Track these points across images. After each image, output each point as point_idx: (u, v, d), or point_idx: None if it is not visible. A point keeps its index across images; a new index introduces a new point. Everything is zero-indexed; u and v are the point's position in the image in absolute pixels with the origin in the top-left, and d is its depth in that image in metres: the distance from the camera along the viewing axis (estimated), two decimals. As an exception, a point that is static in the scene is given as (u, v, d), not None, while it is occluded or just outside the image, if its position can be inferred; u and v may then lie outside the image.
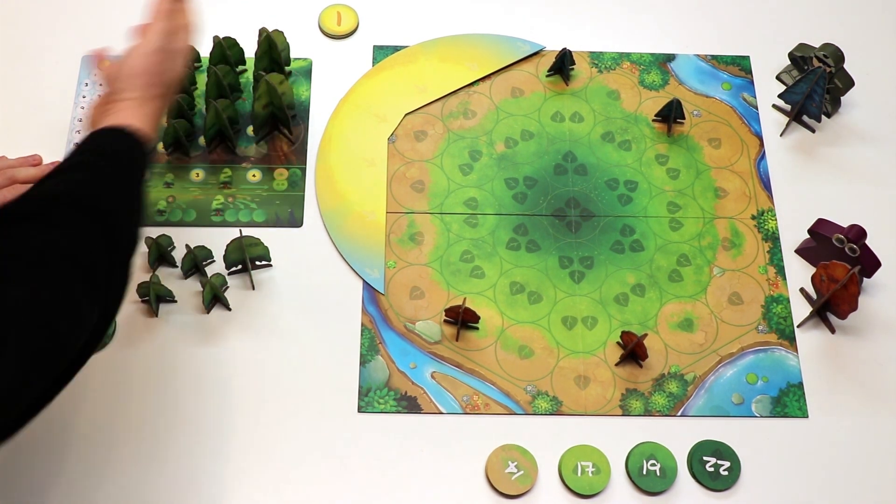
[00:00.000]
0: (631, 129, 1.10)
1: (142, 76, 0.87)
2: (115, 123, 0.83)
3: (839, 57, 1.07)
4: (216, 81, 1.04)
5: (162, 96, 0.88)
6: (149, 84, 0.87)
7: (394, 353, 0.96)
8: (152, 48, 0.88)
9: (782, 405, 0.95)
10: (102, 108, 0.87)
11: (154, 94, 0.87)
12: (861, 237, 0.97)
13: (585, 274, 1.01)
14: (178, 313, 0.97)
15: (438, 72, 1.12)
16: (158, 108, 0.88)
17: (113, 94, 0.86)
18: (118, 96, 0.86)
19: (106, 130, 0.83)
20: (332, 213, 1.03)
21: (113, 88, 0.87)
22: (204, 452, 0.91)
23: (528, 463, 0.91)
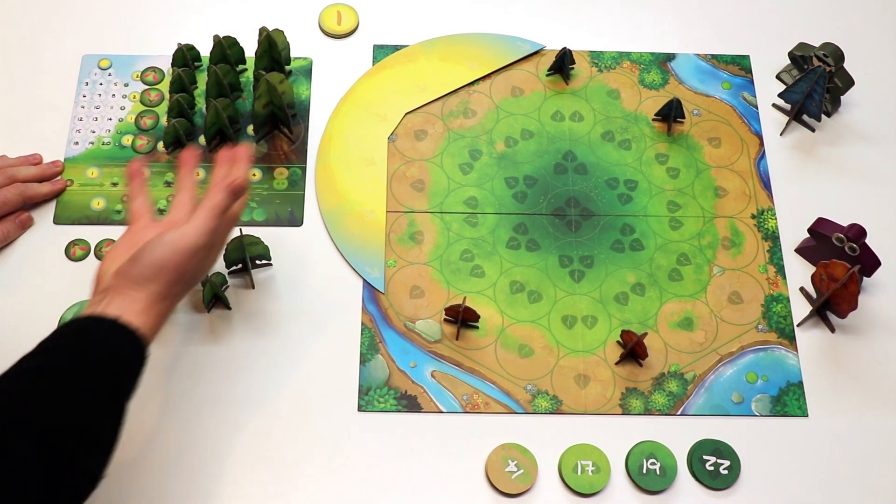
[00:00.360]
0: (631, 128, 1.10)
1: (171, 273, 0.77)
2: (121, 317, 0.74)
3: (839, 56, 1.07)
4: (216, 80, 1.04)
5: (180, 295, 0.79)
6: (175, 282, 0.77)
7: (394, 352, 0.96)
8: (197, 242, 0.78)
9: (782, 404, 0.95)
10: (112, 281, 0.77)
11: (175, 292, 0.78)
12: (861, 236, 0.97)
13: (585, 273, 1.01)
14: (178, 312, 0.97)
15: (438, 71, 1.12)
16: (170, 308, 0.79)
17: (131, 275, 0.77)
18: (137, 283, 0.76)
19: (107, 323, 0.74)
20: (333, 213, 1.03)
21: (134, 270, 0.77)
22: (204, 452, 0.91)
23: (528, 462, 0.91)
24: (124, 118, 1.08)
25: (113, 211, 1.02)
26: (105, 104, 1.08)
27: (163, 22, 1.14)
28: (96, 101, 1.08)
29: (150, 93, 1.09)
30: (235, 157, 0.86)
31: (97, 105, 1.08)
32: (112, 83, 1.10)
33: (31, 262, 0.99)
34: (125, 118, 1.08)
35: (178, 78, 1.05)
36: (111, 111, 1.08)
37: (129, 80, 1.10)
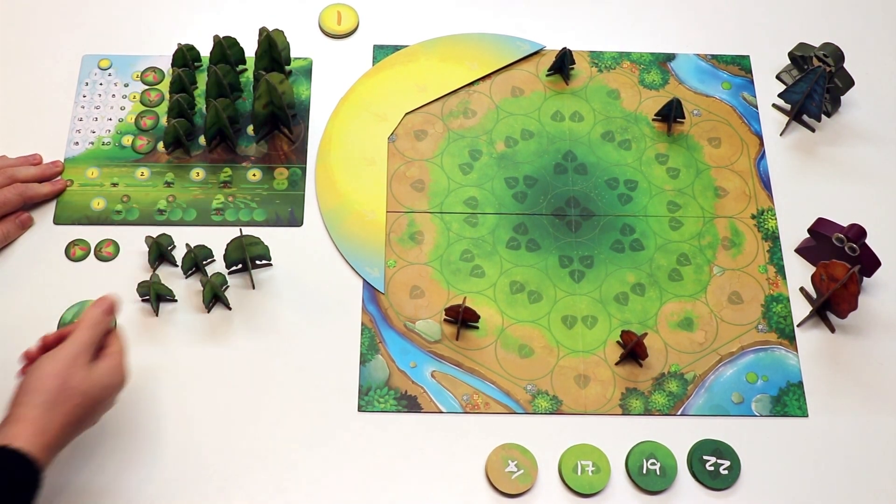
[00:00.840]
0: (631, 128, 1.10)
1: (44, 393, 0.79)
2: (11, 444, 0.76)
3: (839, 56, 1.07)
4: (216, 81, 1.04)
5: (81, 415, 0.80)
6: (52, 402, 0.79)
7: (394, 353, 0.96)
8: (65, 359, 0.81)
9: (782, 404, 0.95)
10: (8, 411, 0.79)
11: (59, 413, 0.79)
12: (861, 236, 0.97)
13: (585, 273, 1.01)
14: (179, 312, 0.97)
15: (438, 71, 1.12)
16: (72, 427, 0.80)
17: (18, 401, 0.79)
18: (25, 406, 0.78)
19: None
20: (333, 213, 1.03)
21: (19, 396, 0.79)
22: (204, 451, 0.91)
23: (528, 462, 0.91)
24: (124, 118, 1.08)
25: (113, 211, 1.02)
26: (105, 104, 1.08)
27: (163, 22, 1.14)
28: (96, 101, 1.08)
29: (150, 93, 1.09)
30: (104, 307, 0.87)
31: (97, 105, 1.08)
32: (112, 83, 1.10)
33: (31, 262, 0.99)
34: (125, 118, 1.08)
35: (178, 78, 1.05)
36: (111, 111, 1.08)
37: (129, 80, 1.10)
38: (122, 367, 0.84)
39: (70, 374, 0.80)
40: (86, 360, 0.82)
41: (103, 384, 0.83)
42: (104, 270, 0.99)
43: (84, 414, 0.81)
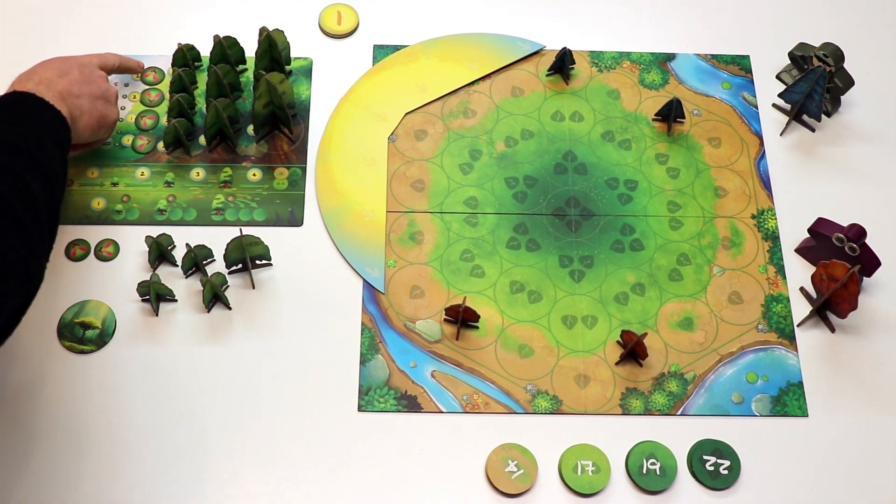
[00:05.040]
0: (631, 128, 1.10)
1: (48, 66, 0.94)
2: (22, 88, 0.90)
3: (839, 56, 1.07)
4: (216, 80, 1.04)
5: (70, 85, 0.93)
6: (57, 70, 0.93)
7: (394, 352, 0.96)
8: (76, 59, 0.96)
9: (782, 404, 0.95)
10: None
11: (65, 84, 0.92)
12: (861, 236, 0.97)
13: (585, 273, 1.01)
14: (179, 312, 0.97)
15: (438, 71, 1.12)
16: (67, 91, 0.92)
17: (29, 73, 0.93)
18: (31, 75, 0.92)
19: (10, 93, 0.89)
20: (333, 213, 1.03)
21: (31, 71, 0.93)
22: (204, 452, 0.91)
23: (528, 462, 0.91)
24: (124, 118, 1.08)
25: (113, 211, 1.02)
26: (106, 102, 1.08)
27: (163, 22, 1.14)
28: (96, 101, 1.08)
29: (150, 93, 1.09)
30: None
31: (97, 105, 1.08)
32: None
33: (31, 262, 0.99)
34: (125, 118, 1.08)
35: (178, 78, 1.05)
36: (111, 111, 1.08)
37: (129, 80, 1.10)
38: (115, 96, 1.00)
39: (73, 59, 0.96)
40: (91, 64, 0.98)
41: (102, 88, 0.97)
42: (104, 270, 0.99)
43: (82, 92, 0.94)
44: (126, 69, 1.06)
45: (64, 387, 0.93)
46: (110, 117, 0.99)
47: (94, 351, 0.95)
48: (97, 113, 0.96)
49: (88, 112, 0.95)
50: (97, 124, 0.96)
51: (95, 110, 0.96)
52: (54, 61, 0.96)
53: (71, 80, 0.94)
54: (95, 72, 0.98)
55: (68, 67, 0.95)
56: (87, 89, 0.95)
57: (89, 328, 0.96)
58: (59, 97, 0.91)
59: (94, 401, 0.92)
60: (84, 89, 0.95)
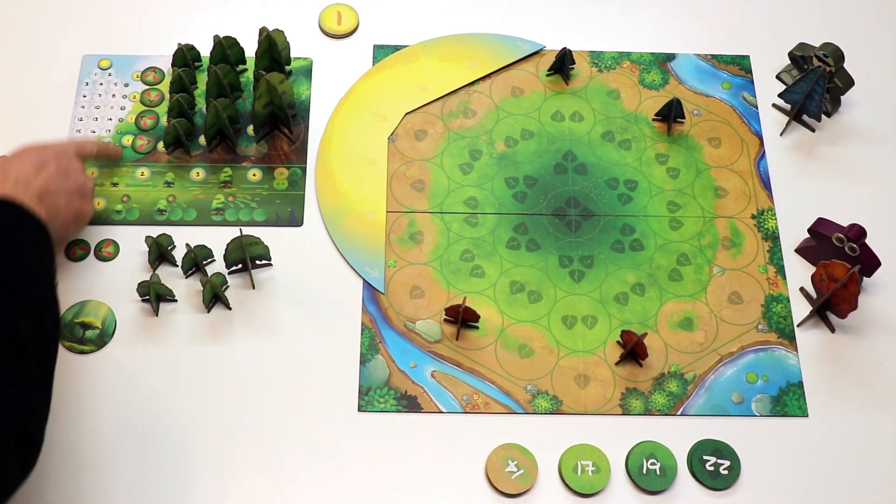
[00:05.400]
0: (631, 128, 1.10)
1: (31, 162, 0.89)
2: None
3: (839, 56, 1.07)
4: (216, 80, 1.04)
5: (48, 181, 0.89)
6: (34, 165, 0.89)
7: (394, 353, 0.96)
8: (46, 144, 0.92)
9: (782, 404, 0.95)
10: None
11: (42, 181, 0.88)
12: (861, 236, 0.97)
13: (585, 273, 1.01)
14: (179, 312, 0.97)
15: (438, 71, 1.12)
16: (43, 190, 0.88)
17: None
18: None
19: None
20: (333, 213, 1.03)
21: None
22: (204, 452, 0.91)
23: (528, 462, 0.91)
24: (124, 118, 1.08)
25: (113, 211, 1.02)
26: (105, 104, 1.08)
27: (163, 22, 1.14)
28: (96, 101, 1.08)
29: (150, 93, 1.09)
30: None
31: (97, 105, 1.08)
32: (112, 83, 1.10)
33: (31, 262, 0.99)
34: (125, 118, 1.08)
35: (178, 78, 1.05)
36: (111, 111, 1.08)
37: (129, 80, 1.10)
38: (92, 190, 0.97)
39: (49, 149, 0.93)
40: (68, 154, 0.94)
41: (79, 183, 0.94)
42: (104, 270, 0.99)
43: (59, 189, 0.90)
44: (104, 155, 1.02)
45: (64, 387, 0.93)
46: (86, 213, 0.96)
47: (94, 351, 0.95)
48: (73, 210, 0.93)
49: (65, 210, 0.91)
50: (72, 221, 0.94)
51: (72, 207, 0.92)
52: (30, 151, 0.91)
53: (48, 176, 0.89)
54: (73, 163, 0.94)
55: (45, 159, 0.91)
56: (63, 185, 0.91)
57: (89, 328, 0.96)
58: (37, 198, 0.87)
59: (94, 401, 0.92)
60: (61, 185, 0.91)
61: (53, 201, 0.89)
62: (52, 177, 0.90)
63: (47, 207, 0.88)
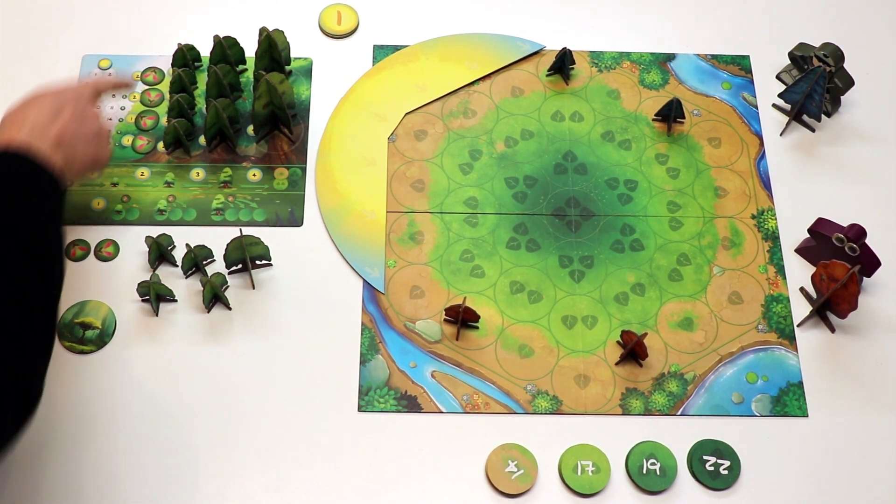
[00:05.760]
0: (631, 128, 1.10)
1: (48, 108, 0.88)
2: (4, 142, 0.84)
3: (839, 56, 1.07)
4: (216, 81, 1.04)
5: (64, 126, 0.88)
6: (51, 119, 0.88)
7: (394, 353, 0.96)
8: (63, 84, 0.92)
9: (782, 404, 0.95)
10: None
11: (58, 128, 0.88)
12: (861, 236, 0.97)
13: (585, 273, 1.01)
14: (179, 313, 0.97)
15: (438, 71, 1.12)
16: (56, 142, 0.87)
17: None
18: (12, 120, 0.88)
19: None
20: (333, 213, 1.03)
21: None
22: (204, 452, 0.91)
23: (529, 462, 0.91)
24: (124, 118, 1.08)
25: (113, 211, 1.02)
26: (105, 104, 1.08)
27: (163, 22, 1.14)
28: (96, 101, 1.08)
29: (150, 93, 1.09)
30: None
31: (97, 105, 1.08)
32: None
33: (31, 263, 0.99)
34: (125, 118, 1.08)
35: (178, 78, 1.05)
36: (111, 111, 1.08)
37: (129, 80, 1.10)
38: (108, 134, 0.96)
39: (66, 93, 0.91)
40: (84, 98, 0.93)
41: (96, 128, 0.93)
42: (104, 270, 0.99)
43: (76, 135, 0.89)
44: (118, 89, 1.03)
45: (64, 387, 0.93)
46: (103, 158, 0.96)
47: (94, 351, 0.95)
48: (90, 155, 0.93)
49: (81, 157, 0.91)
50: (89, 167, 0.94)
51: (89, 153, 0.92)
52: (47, 97, 0.90)
53: (65, 123, 0.89)
54: (89, 107, 0.94)
55: (61, 104, 0.90)
56: (80, 130, 0.91)
57: (89, 328, 0.96)
58: (53, 145, 0.87)
59: (94, 401, 0.92)
60: (78, 131, 0.90)
61: (70, 148, 0.89)
62: (69, 123, 0.89)
63: (64, 154, 0.88)
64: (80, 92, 0.94)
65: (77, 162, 0.90)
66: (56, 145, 0.87)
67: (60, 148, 0.87)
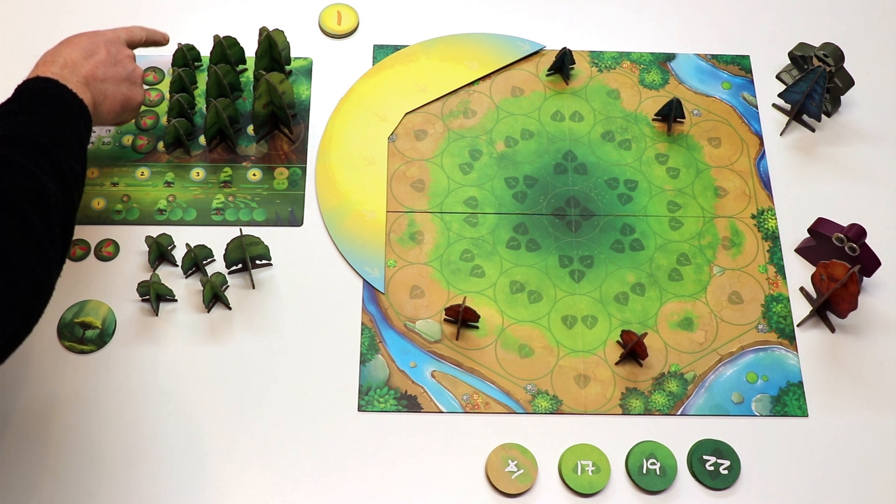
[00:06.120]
0: (631, 128, 1.10)
1: (81, 48, 0.91)
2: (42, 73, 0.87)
3: (839, 56, 1.07)
4: (216, 80, 1.04)
5: (93, 80, 0.90)
6: (84, 58, 0.90)
7: (394, 352, 0.96)
8: (104, 37, 0.94)
9: (782, 404, 0.95)
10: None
11: (90, 67, 0.90)
12: (861, 236, 0.97)
13: (585, 273, 1.01)
14: (179, 312, 0.97)
15: (438, 71, 1.12)
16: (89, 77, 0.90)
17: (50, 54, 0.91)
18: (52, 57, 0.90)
19: (33, 79, 0.87)
20: (333, 213, 1.03)
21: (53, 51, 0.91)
22: (204, 452, 0.91)
23: (528, 462, 0.91)
24: (124, 118, 1.08)
25: (113, 211, 1.02)
26: (105, 104, 1.08)
27: (163, 22, 1.13)
28: (96, 100, 1.08)
29: (150, 93, 1.09)
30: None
31: (97, 105, 1.08)
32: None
33: (31, 262, 0.99)
34: (125, 118, 1.08)
35: (178, 78, 1.05)
36: (111, 111, 1.08)
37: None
38: (141, 76, 0.98)
39: (99, 35, 0.94)
40: (118, 41, 0.96)
41: (128, 70, 0.96)
42: (104, 270, 0.99)
43: (107, 75, 0.92)
44: (153, 42, 1.03)
45: (64, 387, 0.93)
46: (135, 99, 0.97)
47: (94, 351, 0.95)
48: (121, 96, 0.94)
49: (112, 96, 0.93)
50: (121, 108, 0.95)
51: (120, 93, 0.94)
52: (81, 38, 0.93)
53: (97, 62, 0.91)
54: (122, 50, 0.96)
55: (95, 46, 0.92)
56: (112, 72, 0.93)
57: (89, 328, 0.96)
58: (84, 82, 0.89)
59: (94, 401, 0.92)
60: (110, 72, 0.92)
61: (100, 87, 0.91)
62: (101, 63, 0.92)
63: (94, 93, 0.90)
64: (115, 35, 0.96)
65: (107, 102, 0.92)
66: (86, 83, 0.89)
67: (90, 86, 0.90)
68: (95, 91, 0.90)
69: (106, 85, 0.92)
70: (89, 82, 0.90)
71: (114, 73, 0.93)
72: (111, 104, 0.93)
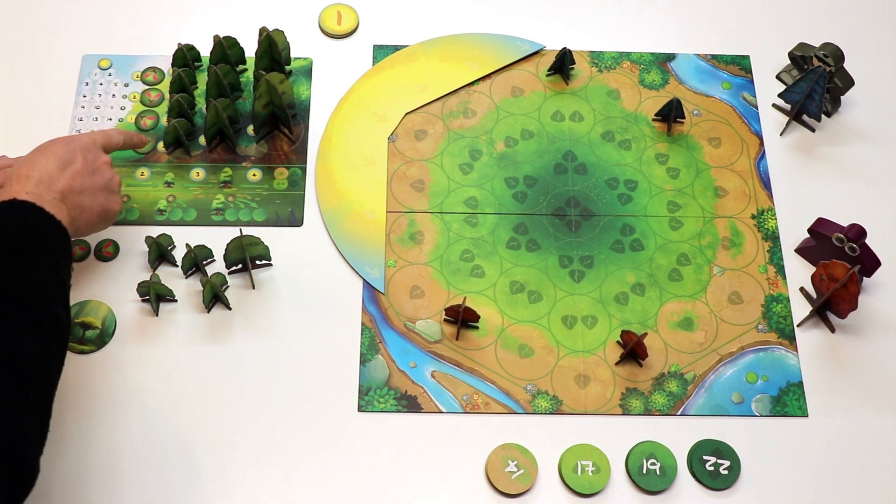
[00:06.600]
0: (631, 128, 1.10)
1: (57, 159, 0.87)
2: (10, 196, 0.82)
3: (839, 56, 1.07)
4: (216, 80, 1.04)
5: (72, 180, 0.87)
6: (60, 162, 0.86)
7: (394, 353, 0.96)
8: (73, 136, 0.90)
9: (782, 404, 0.95)
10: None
11: (67, 180, 0.86)
12: (861, 236, 0.97)
13: (585, 273, 1.01)
14: (179, 312, 0.97)
15: (439, 71, 1.12)
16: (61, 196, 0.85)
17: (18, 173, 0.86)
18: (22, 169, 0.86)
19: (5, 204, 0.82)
20: (333, 213, 1.03)
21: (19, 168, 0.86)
22: (204, 452, 0.91)
23: (528, 462, 0.91)
24: (124, 118, 1.08)
25: (113, 211, 1.02)
26: (105, 104, 1.08)
27: (163, 22, 1.14)
28: (96, 101, 1.08)
29: (150, 93, 1.09)
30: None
31: (97, 105, 1.08)
32: (112, 83, 1.10)
33: (31, 262, 0.99)
34: (125, 118, 1.08)
35: (178, 78, 1.05)
36: (111, 111, 1.08)
37: (130, 80, 1.10)
38: (119, 185, 0.94)
39: (76, 142, 0.90)
40: (94, 148, 0.92)
41: (106, 178, 0.91)
42: (104, 270, 0.99)
43: (84, 187, 0.88)
44: (130, 145, 0.99)
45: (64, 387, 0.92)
46: (113, 209, 0.92)
47: (94, 351, 0.95)
48: (98, 208, 0.90)
49: (89, 209, 0.89)
50: (98, 220, 0.91)
51: (97, 205, 0.90)
52: (56, 146, 0.88)
53: (73, 173, 0.87)
54: (100, 157, 0.92)
55: (71, 154, 0.88)
56: (89, 182, 0.89)
57: (89, 328, 0.96)
58: (60, 198, 0.85)
59: (94, 401, 0.92)
60: (87, 182, 0.88)
61: (77, 200, 0.87)
62: (78, 174, 0.88)
63: (71, 206, 0.86)
64: (91, 140, 0.92)
65: (85, 214, 0.88)
66: (63, 197, 0.85)
67: (67, 200, 0.86)
68: (72, 205, 0.86)
69: (83, 197, 0.88)
70: (66, 196, 0.85)
71: (91, 183, 0.89)
72: (88, 217, 0.89)
